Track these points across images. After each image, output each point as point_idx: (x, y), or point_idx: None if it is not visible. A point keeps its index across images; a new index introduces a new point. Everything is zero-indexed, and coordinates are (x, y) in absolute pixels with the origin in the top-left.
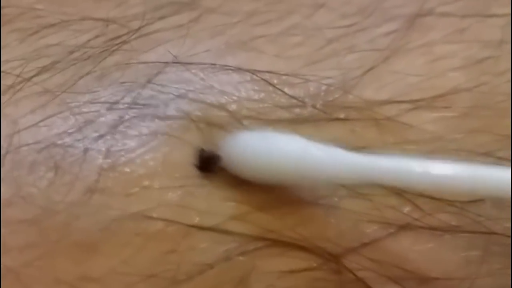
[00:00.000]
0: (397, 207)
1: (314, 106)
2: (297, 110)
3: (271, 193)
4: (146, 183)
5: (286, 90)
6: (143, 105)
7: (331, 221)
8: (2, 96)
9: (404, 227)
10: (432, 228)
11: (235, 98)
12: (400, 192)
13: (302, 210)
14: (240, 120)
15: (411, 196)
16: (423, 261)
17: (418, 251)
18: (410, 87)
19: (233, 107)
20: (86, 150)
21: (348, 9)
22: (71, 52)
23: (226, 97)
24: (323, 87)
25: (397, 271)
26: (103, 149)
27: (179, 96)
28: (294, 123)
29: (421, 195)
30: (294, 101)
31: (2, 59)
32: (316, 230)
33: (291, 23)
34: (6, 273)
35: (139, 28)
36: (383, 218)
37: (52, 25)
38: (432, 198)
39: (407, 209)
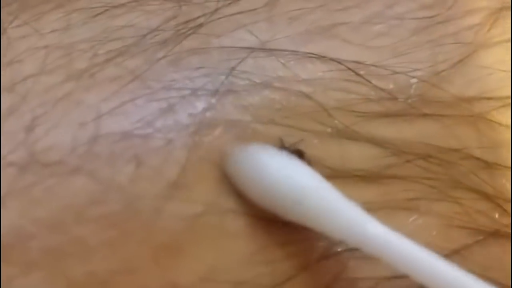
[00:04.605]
0: (487, 212)
1: (406, 101)
2: (388, 104)
3: None
4: None
5: (374, 82)
6: (225, 92)
7: None
8: (74, 81)
9: (493, 234)
10: None
11: (322, 87)
12: (491, 196)
13: None
14: (328, 111)
15: (502, 201)
16: (508, 270)
17: (504, 260)
18: (498, 83)
19: (320, 97)
20: (166, 140)
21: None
22: (144, 35)
23: (312, 87)
24: (412, 80)
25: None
26: (185, 138)
27: (262, 84)
28: (385, 116)
29: None
30: (383, 94)
31: (67, 41)
32: None
33: (371, 11)
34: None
35: (215, 10)
36: (472, 224)
37: (121, 5)
38: None
39: (497, 214)
